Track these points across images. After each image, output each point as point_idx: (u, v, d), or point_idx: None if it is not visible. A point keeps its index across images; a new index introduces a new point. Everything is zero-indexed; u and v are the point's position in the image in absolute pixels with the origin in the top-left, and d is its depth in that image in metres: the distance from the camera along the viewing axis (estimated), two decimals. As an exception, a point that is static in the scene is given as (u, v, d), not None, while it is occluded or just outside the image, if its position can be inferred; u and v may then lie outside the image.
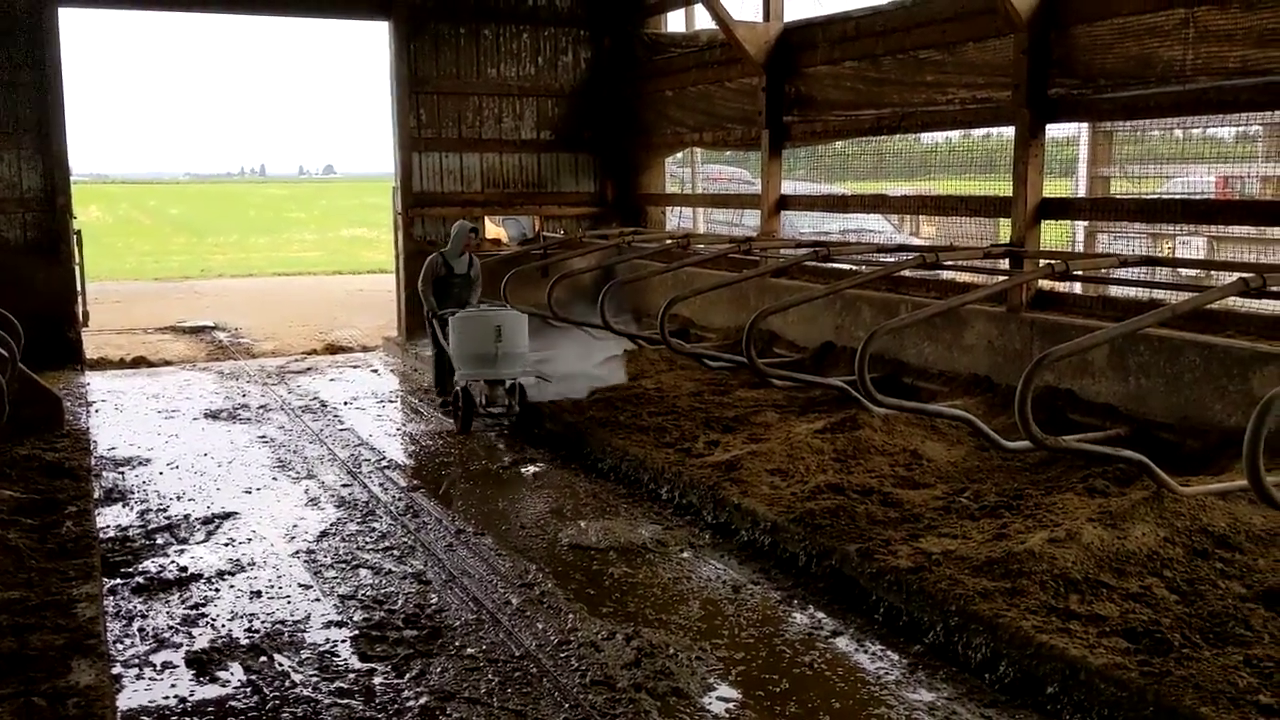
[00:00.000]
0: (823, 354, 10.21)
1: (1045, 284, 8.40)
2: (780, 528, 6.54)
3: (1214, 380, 6.83)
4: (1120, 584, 5.17)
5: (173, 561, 6.57)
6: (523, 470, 8.64)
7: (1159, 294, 7.82)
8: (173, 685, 4.99)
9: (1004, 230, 8.85)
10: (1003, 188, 8.88)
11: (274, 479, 8.40)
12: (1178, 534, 5.52)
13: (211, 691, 4.92)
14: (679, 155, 15.24)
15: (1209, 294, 5.99)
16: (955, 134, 10.70)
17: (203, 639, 5.46)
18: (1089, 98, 8.00)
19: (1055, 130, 11.95)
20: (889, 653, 5.26)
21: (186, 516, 7.44)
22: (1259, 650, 4.50)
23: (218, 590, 6.13)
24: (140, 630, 5.59)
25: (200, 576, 6.33)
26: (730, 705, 4.76)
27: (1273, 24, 6.69)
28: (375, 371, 13.08)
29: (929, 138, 10.86)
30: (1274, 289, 6.05)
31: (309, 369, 13.21)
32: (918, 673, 5.03)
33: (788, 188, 12.03)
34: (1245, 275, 5.89)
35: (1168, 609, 4.93)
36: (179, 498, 7.90)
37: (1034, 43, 8.18)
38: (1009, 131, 8.73)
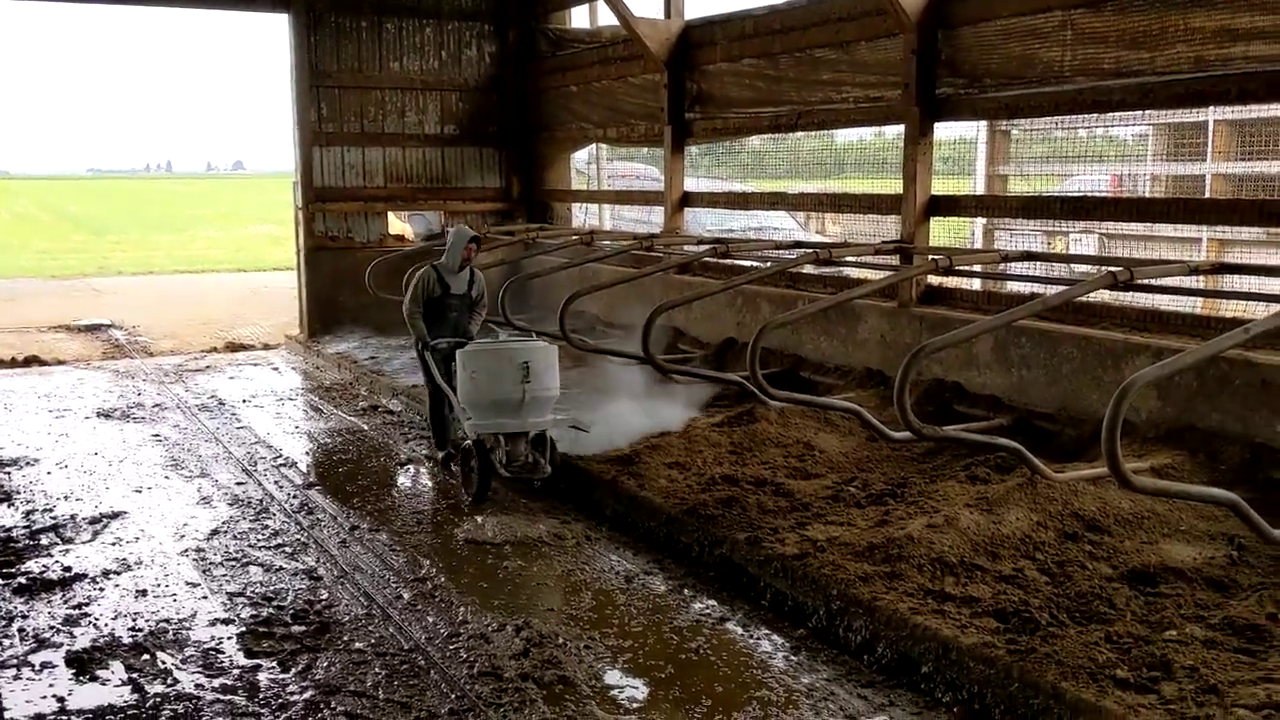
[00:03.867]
0: (725, 349, 10.33)
1: (935, 280, 8.61)
2: (675, 519, 6.63)
3: (1090, 371, 7.08)
4: (994, 566, 5.36)
5: (57, 562, 6.43)
6: (422, 467, 8.61)
7: (1047, 289, 8.06)
8: (51, 685, 4.90)
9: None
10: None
11: (166, 478, 8.26)
12: (1050, 518, 5.73)
13: (91, 691, 4.85)
14: (589, 152, 15.28)
15: (1079, 287, 6.21)
16: (869, 134, 10.91)
17: (84, 638, 5.37)
18: (974, 97, 8.22)
19: (962, 130, 12.27)
20: (774, 637, 5.38)
21: (73, 516, 7.28)
22: (1120, 627, 4.70)
23: (102, 590, 6.02)
24: (20, 631, 5.47)
25: (85, 576, 6.21)
26: (615, 691, 4.82)
27: (1143, 26, 6.96)
28: (276, 370, 12.90)
29: (844, 137, 11.08)
30: (1141, 282, 6.30)
31: (208, 367, 12.99)
32: (800, 655, 5.14)
33: (703, 185, 12.15)
34: (1114, 269, 6.13)
35: (1038, 590, 5.12)
36: (66, 497, 7.72)
37: (922, 43, 8.38)
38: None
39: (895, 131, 10.46)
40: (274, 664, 5.07)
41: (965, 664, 4.61)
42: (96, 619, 5.61)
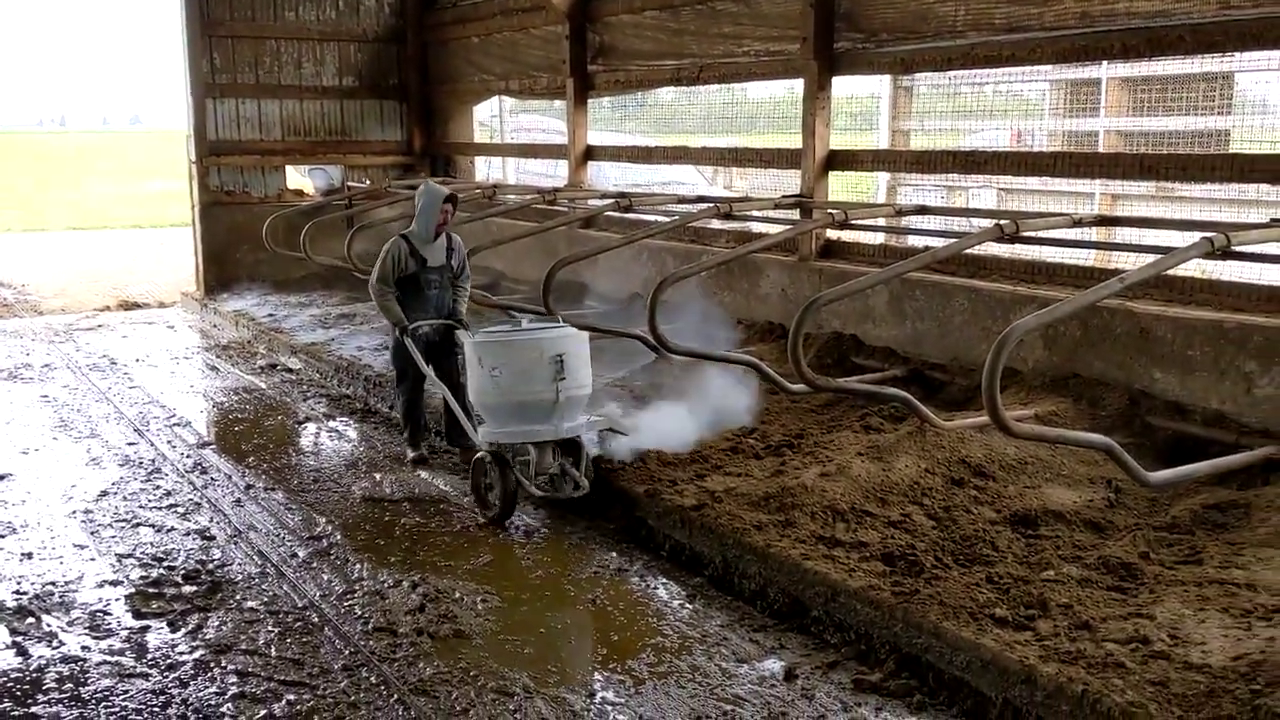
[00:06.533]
0: (631, 305, 10.33)
1: (834, 234, 8.71)
2: (576, 473, 6.64)
3: (980, 322, 7.25)
4: (883, 512, 5.48)
5: (-63, 526, 6.25)
6: (321, 425, 8.50)
7: (943, 242, 8.19)
8: (-72, 653, 4.78)
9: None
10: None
11: (54, 439, 8.04)
12: (938, 465, 5.87)
13: (-29, 657, 4.73)
14: (493, 105, 15.06)
15: (966, 240, 6.34)
16: (781, 90, 10.92)
17: (-35, 604, 5.23)
18: (871, 52, 8.28)
19: (871, 86, 12.30)
20: (671, 586, 5.45)
21: (-45, 480, 7.06)
22: (1001, 568, 4.85)
23: (-15, 554, 5.86)
24: (-104, 598, 5.30)
25: (-33, 541, 6.04)
26: (510, 643, 4.84)
27: (1032, -17, 7.07)
28: (171, 328, 12.60)
29: (756, 93, 11.06)
30: (1028, 235, 6.45)
31: (100, 326, 12.64)
32: (695, 603, 5.22)
33: (607, 139, 12.06)
34: (1001, 222, 6.26)
35: (924, 534, 5.25)
36: (-52, 461, 7.49)
37: (821, -3, 8.41)
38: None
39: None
40: (163, 624, 5.00)
41: (853, 606, 4.73)
42: (-22, 584, 5.47)
